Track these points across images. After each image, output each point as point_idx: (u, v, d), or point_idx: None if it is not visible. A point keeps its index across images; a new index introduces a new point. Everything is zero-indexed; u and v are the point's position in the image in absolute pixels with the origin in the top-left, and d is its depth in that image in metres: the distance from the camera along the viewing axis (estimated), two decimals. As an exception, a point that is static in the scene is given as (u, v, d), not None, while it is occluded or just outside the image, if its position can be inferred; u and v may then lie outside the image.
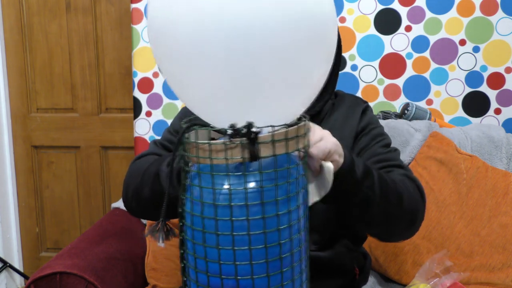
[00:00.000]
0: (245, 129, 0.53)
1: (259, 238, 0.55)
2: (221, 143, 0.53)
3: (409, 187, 0.88)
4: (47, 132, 2.13)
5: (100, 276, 1.14)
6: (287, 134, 0.55)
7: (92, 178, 2.15)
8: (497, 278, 1.27)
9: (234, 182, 0.55)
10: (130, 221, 1.49)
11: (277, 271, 0.56)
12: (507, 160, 1.44)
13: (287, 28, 0.52)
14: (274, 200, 0.55)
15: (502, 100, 1.63)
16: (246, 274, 0.55)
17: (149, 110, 1.80)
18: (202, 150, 0.55)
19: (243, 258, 0.55)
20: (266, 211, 0.55)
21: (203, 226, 0.55)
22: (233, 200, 0.54)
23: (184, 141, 0.57)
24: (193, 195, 0.57)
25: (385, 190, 0.81)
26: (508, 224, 1.32)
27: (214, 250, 0.55)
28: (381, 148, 0.98)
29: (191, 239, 0.57)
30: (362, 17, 1.66)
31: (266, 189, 0.55)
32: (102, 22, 2.02)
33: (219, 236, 0.54)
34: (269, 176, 0.55)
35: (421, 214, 0.91)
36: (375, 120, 1.06)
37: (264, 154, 0.54)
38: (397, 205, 0.84)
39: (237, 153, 0.53)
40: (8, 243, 2.17)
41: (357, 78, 1.69)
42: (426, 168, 1.42)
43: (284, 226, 0.56)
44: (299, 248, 0.59)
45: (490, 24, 1.60)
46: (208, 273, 0.56)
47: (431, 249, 1.32)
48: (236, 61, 0.53)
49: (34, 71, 2.10)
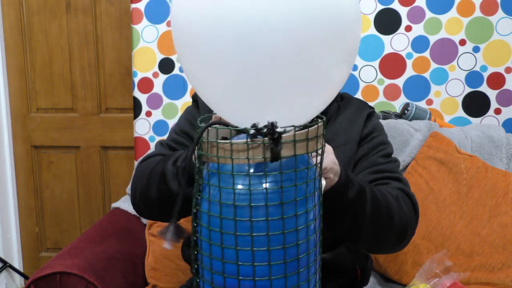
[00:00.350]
0: (267, 128, 0.52)
1: (278, 238, 0.55)
2: (243, 143, 0.53)
3: (402, 203, 0.88)
4: (47, 132, 2.13)
5: (100, 276, 1.14)
6: (308, 134, 0.55)
7: (92, 178, 2.15)
8: (497, 278, 1.27)
9: (254, 182, 0.54)
10: (130, 221, 1.49)
11: (294, 271, 0.56)
12: (507, 160, 1.44)
13: (306, 26, 0.52)
14: (293, 201, 0.55)
15: (502, 100, 1.63)
16: (264, 275, 0.54)
17: (149, 110, 1.80)
18: (223, 149, 0.54)
19: (261, 259, 0.54)
20: (285, 211, 0.55)
21: (221, 227, 0.55)
22: (252, 200, 0.54)
23: (202, 140, 0.56)
24: (211, 195, 0.56)
25: (376, 209, 0.82)
26: (508, 224, 1.32)
27: (232, 250, 0.54)
28: (381, 158, 0.98)
29: (208, 240, 0.56)
30: (362, 17, 1.66)
31: (285, 190, 0.55)
32: (102, 22, 2.02)
33: (237, 237, 0.54)
34: (288, 177, 0.55)
35: (412, 230, 0.91)
36: (380, 127, 1.05)
37: (285, 154, 0.54)
38: (387, 223, 0.85)
39: (259, 153, 0.53)
40: (8, 243, 2.17)
41: (357, 78, 1.69)
42: (426, 168, 1.42)
43: (302, 226, 0.56)
44: (315, 248, 0.59)
45: (490, 24, 1.60)
46: (225, 274, 0.55)
47: (431, 249, 1.32)
48: (252, 60, 0.52)
49: (34, 71, 2.10)
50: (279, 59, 0.52)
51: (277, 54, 0.52)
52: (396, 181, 0.95)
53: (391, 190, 0.90)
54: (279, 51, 0.52)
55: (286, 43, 0.51)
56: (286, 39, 0.51)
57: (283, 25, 0.51)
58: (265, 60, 0.52)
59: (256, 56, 0.52)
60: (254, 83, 0.54)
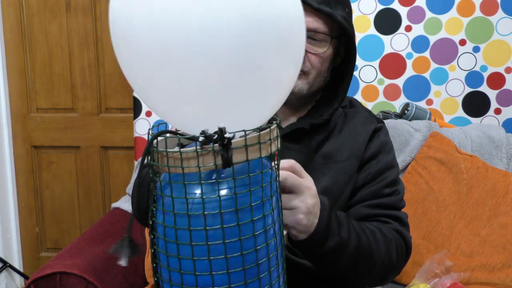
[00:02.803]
0: (217, 135, 0.51)
1: (235, 245, 0.53)
2: (193, 151, 0.51)
3: (392, 249, 0.85)
4: (47, 132, 2.13)
5: (100, 276, 1.14)
6: (259, 138, 0.53)
7: (92, 178, 2.15)
8: (497, 278, 1.27)
9: (206, 190, 0.53)
10: (130, 221, 1.49)
11: (254, 277, 0.54)
12: (507, 160, 1.44)
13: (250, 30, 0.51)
14: (249, 206, 0.54)
15: (502, 100, 1.63)
16: (224, 283, 0.53)
17: (149, 110, 1.80)
18: (173, 159, 0.52)
19: (219, 268, 0.53)
20: (241, 217, 0.53)
21: (176, 238, 0.53)
22: (206, 209, 0.52)
23: (153, 150, 0.54)
24: (165, 206, 0.55)
25: (355, 260, 0.78)
26: (508, 224, 1.32)
27: (189, 261, 0.53)
28: (385, 189, 0.92)
29: (164, 252, 0.55)
30: (362, 17, 1.66)
31: (240, 196, 0.53)
32: (102, 22, 2.02)
33: (193, 247, 0.52)
34: (242, 182, 0.53)
35: (397, 273, 0.89)
36: (388, 147, 0.97)
37: (237, 159, 0.52)
38: (367, 271, 0.82)
39: (209, 160, 0.51)
40: (8, 243, 2.17)
41: (357, 78, 1.69)
42: (426, 168, 1.42)
43: (260, 231, 0.54)
44: (275, 252, 0.58)
45: (490, 24, 1.60)
46: (184, 285, 0.54)
47: (431, 249, 1.32)
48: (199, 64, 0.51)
49: (34, 71, 2.10)
50: (224, 63, 0.51)
51: (222, 58, 0.50)
52: (397, 220, 0.91)
53: (387, 232, 0.86)
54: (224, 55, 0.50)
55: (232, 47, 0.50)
56: (231, 43, 0.50)
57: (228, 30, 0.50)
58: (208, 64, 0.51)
59: (201, 61, 0.50)
60: (201, 89, 0.52)
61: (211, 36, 0.49)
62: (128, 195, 1.61)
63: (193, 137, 0.53)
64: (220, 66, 0.51)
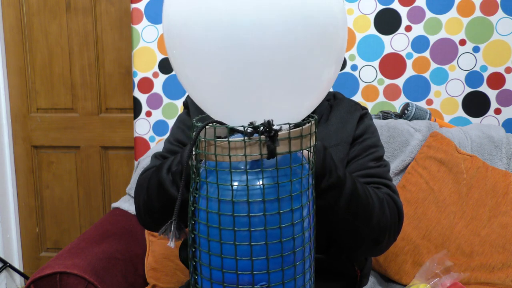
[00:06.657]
0: (263, 126, 0.54)
1: (275, 232, 0.56)
2: (241, 140, 0.55)
3: (385, 207, 0.87)
4: (47, 132, 2.13)
5: (100, 276, 1.14)
6: (302, 131, 0.57)
7: (92, 178, 2.15)
8: (497, 278, 1.27)
9: (251, 178, 0.56)
10: (130, 221, 1.49)
11: (290, 264, 0.58)
12: (507, 160, 1.44)
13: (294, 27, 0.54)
14: (289, 196, 0.57)
15: (502, 100, 1.63)
16: (262, 268, 0.56)
17: (149, 110, 1.80)
18: (220, 147, 0.56)
19: (259, 253, 0.56)
20: (282, 206, 0.57)
21: (219, 223, 0.56)
22: (250, 196, 0.56)
23: (200, 139, 0.58)
24: (209, 193, 0.58)
25: (354, 204, 0.80)
26: (508, 224, 1.32)
27: (230, 246, 0.56)
28: (371, 162, 0.97)
29: (206, 236, 0.58)
30: (362, 17, 1.66)
31: (281, 185, 0.57)
32: (102, 22, 2.02)
33: (236, 232, 0.56)
34: (284, 172, 0.57)
35: (391, 236, 0.90)
36: (372, 129, 1.04)
37: (280, 151, 0.56)
38: (363, 221, 0.83)
39: (256, 150, 0.55)
40: (8, 243, 2.17)
41: (357, 78, 1.69)
42: (426, 168, 1.42)
43: (298, 220, 0.58)
44: (309, 242, 0.61)
45: (490, 24, 1.60)
46: (224, 269, 0.57)
47: (431, 249, 1.32)
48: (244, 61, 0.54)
49: (34, 71, 2.10)
50: (270, 60, 0.54)
51: (268, 55, 0.54)
52: (386, 187, 0.93)
53: (379, 193, 0.88)
54: (270, 52, 0.54)
55: (277, 44, 0.53)
56: (277, 41, 0.53)
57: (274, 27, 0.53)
58: (257, 61, 0.54)
59: (248, 58, 0.54)
60: (246, 85, 0.56)
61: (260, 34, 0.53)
62: (128, 195, 1.61)
63: (242, 127, 0.56)
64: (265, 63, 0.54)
